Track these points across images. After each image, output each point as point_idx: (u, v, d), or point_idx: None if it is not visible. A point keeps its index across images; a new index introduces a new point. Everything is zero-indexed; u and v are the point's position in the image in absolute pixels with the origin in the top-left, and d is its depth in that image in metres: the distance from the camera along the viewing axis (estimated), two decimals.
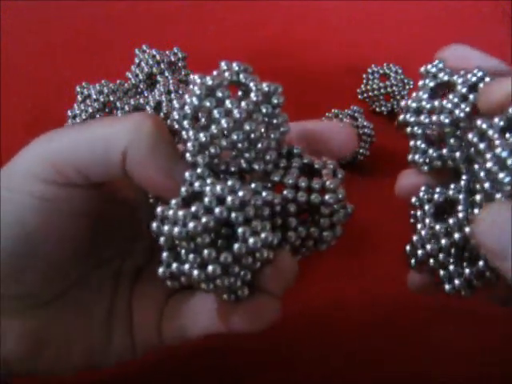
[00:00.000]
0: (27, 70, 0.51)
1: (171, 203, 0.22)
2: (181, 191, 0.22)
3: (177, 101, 0.23)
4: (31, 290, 0.24)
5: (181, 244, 0.21)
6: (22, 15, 0.56)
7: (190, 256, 0.21)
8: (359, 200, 0.26)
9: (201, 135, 0.22)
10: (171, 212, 0.21)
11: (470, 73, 0.24)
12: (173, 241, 0.22)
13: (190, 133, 0.22)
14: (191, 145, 0.22)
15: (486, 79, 0.24)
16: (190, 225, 0.21)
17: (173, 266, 0.22)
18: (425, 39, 0.51)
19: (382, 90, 0.47)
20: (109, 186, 0.26)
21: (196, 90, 0.22)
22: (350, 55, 0.52)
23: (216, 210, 0.21)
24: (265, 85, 0.23)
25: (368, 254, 0.39)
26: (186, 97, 0.23)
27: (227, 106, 0.22)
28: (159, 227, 0.22)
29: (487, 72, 0.24)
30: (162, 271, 0.22)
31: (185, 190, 0.22)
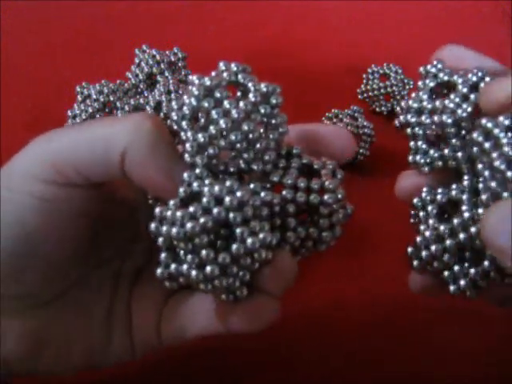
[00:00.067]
0: (27, 70, 0.51)
1: (169, 204, 0.22)
2: (179, 192, 0.22)
3: (175, 101, 0.23)
4: (31, 290, 0.24)
5: (179, 244, 0.21)
6: (22, 15, 0.56)
7: (188, 256, 0.21)
8: (359, 200, 0.26)
9: (199, 136, 0.22)
10: (169, 212, 0.21)
11: (470, 73, 0.24)
12: (171, 241, 0.22)
13: (189, 133, 0.22)
14: (190, 145, 0.22)
15: (486, 79, 0.24)
16: (188, 225, 0.21)
17: (171, 267, 0.22)
18: (425, 39, 0.51)
19: (382, 90, 0.47)
20: (108, 187, 0.26)
21: (194, 91, 0.22)
22: (350, 55, 0.52)
23: (214, 211, 0.21)
24: (263, 85, 0.23)
25: (368, 254, 0.39)
26: (185, 97, 0.23)
27: (225, 107, 0.22)
28: (157, 228, 0.22)
29: (487, 72, 0.24)
30: (160, 272, 0.22)
31: (183, 191, 0.22)
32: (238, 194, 0.21)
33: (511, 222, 0.19)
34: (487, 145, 0.22)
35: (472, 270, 0.24)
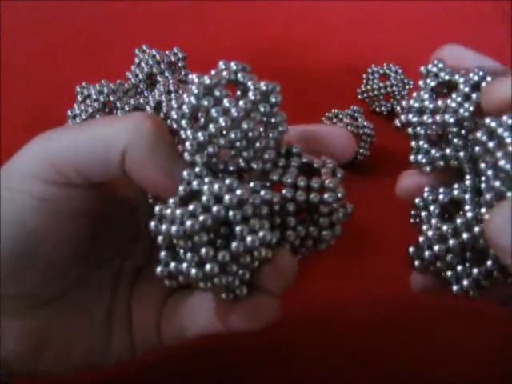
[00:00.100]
0: (27, 70, 0.51)
1: (169, 202, 0.22)
2: (179, 190, 0.22)
3: (175, 100, 0.23)
4: (31, 290, 0.24)
5: (178, 243, 0.21)
6: (22, 15, 0.56)
7: (188, 255, 0.21)
8: (359, 200, 0.26)
9: (199, 134, 0.22)
10: (169, 211, 0.21)
11: (472, 72, 0.24)
12: (171, 240, 0.22)
13: (188, 132, 0.22)
14: (189, 144, 0.22)
15: (488, 78, 0.24)
16: (188, 223, 0.21)
17: (171, 265, 0.22)
18: (425, 39, 0.51)
19: (382, 90, 0.47)
20: (108, 186, 0.26)
21: (194, 90, 0.22)
22: (350, 55, 0.52)
23: (214, 209, 0.21)
24: (263, 84, 0.23)
25: (368, 254, 0.39)
26: (184, 96, 0.23)
27: (225, 105, 0.22)
28: (157, 226, 0.22)
29: (488, 71, 0.24)
30: (160, 270, 0.22)
31: (183, 189, 0.22)
32: (238, 193, 0.21)
33: None
34: (491, 144, 0.22)
35: (475, 270, 0.23)
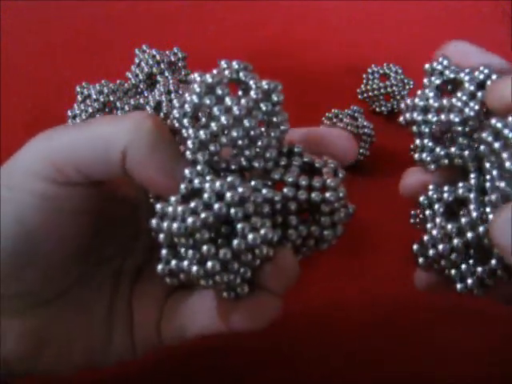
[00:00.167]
0: (27, 70, 0.51)
1: (170, 200, 0.22)
2: (180, 188, 0.22)
3: (177, 100, 0.23)
4: (31, 288, 0.24)
5: (180, 240, 0.21)
6: (22, 15, 0.56)
7: (189, 252, 0.21)
8: (359, 200, 0.26)
9: (201, 132, 0.22)
10: (170, 208, 0.21)
11: (477, 70, 0.24)
12: (172, 238, 0.22)
13: (190, 131, 0.22)
14: (191, 142, 0.22)
15: (493, 76, 0.23)
16: (189, 220, 0.21)
17: (172, 263, 0.22)
18: (425, 39, 0.51)
19: (382, 90, 0.47)
20: (109, 184, 0.26)
21: (196, 88, 0.22)
22: (350, 55, 0.52)
23: (215, 206, 0.21)
24: (264, 82, 0.23)
25: (368, 254, 0.39)
26: (186, 95, 0.23)
27: (227, 103, 0.22)
28: (158, 224, 0.22)
29: (493, 69, 0.24)
30: (161, 268, 0.22)
31: (184, 187, 0.22)
32: (240, 190, 0.21)
33: None
34: (497, 145, 0.22)
35: (479, 269, 0.23)
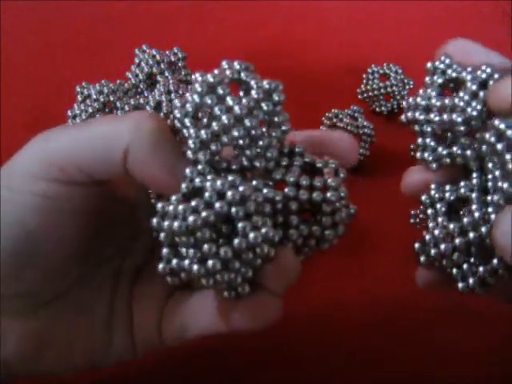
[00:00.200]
0: (27, 70, 0.51)
1: (172, 199, 0.22)
2: (181, 187, 0.22)
3: (178, 99, 0.23)
4: (32, 289, 0.24)
5: (181, 239, 0.21)
6: (22, 15, 0.56)
7: (190, 251, 0.21)
8: (359, 200, 0.26)
9: (202, 132, 0.22)
10: (171, 207, 0.21)
11: (479, 69, 0.24)
12: (173, 237, 0.22)
13: (191, 130, 0.22)
14: (192, 142, 0.22)
15: (495, 76, 0.23)
16: (190, 218, 0.21)
17: (173, 262, 0.22)
18: (425, 39, 0.51)
19: (382, 90, 0.47)
20: (109, 185, 0.26)
21: (197, 88, 0.22)
22: (350, 55, 0.52)
23: (216, 205, 0.21)
24: (265, 82, 0.23)
25: (368, 254, 0.39)
26: (188, 95, 0.23)
27: (228, 103, 0.22)
28: (159, 223, 0.22)
29: (496, 68, 0.23)
30: (162, 267, 0.22)
31: (185, 187, 0.22)
32: (241, 189, 0.21)
33: None
34: (500, 146, 0.22)
35: (481, 268, 0.23)
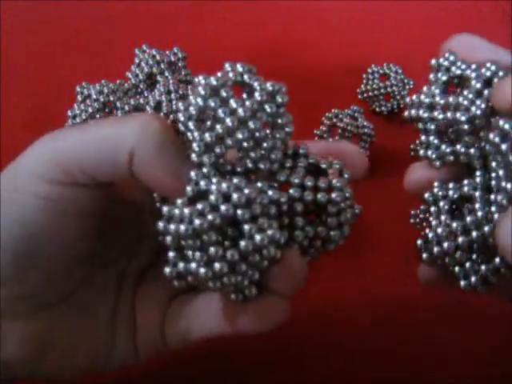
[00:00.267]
0: (27, 70, 0.51)
1: (177, 202, 0.22)
2: (186, 190, 0.22)
3: (181, 102, 0.23)
4: (34, 291, 0.24)
5: (187, 242, 0.21)
6: (22, 15, 0.56)
7: (197, 254, 0.21)
8: (359, 200, 0.26)
9: (206, 135, 0.22)
10: (177, 210, 0.21)
11: (484, 67, 0.23)
12: (179, 240, 0.22)
13: (195, 133, 0.22)
14: (197, 145, 0.22)
15: (500, 73, 0.23)
16: (196, 221, 0.21)
17: (179, 265, 0.22)
18: (425, 39, 0.50)
19: (382, 90, 0.47)
20: (114, 187, 0.25)
21: (201, 91, 0.22)
22: (350, 55, 0.52)
23: (222, 208, 0.21)
24: (269, 84, 0.23)
25: (368, 254, 0.39)
26: (191, 98, 0.23)
27: (232, 106, 0.22)
28: (165, 226, 0.22)
29: (500, 66, 0.23)
30: (169, 271, 0.22)
31: (190, 190, 0.22)
32: (246, 191, 0.21)
33: None
34: (504, 146, 0.21)
35: (483, 267, 0.23)
